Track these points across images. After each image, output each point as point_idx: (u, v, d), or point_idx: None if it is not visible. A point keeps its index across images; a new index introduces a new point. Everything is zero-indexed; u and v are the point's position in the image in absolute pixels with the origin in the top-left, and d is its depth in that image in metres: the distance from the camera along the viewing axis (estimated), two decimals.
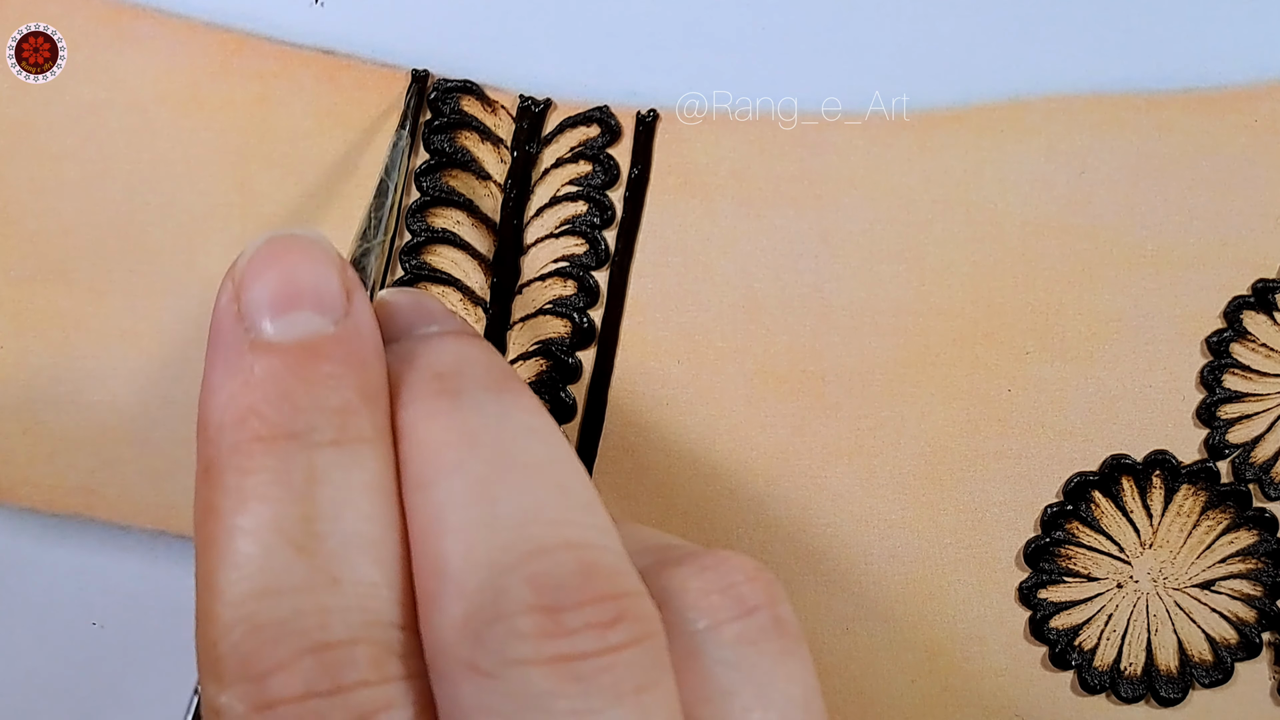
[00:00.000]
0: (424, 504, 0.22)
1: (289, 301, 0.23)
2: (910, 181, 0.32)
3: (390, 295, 0.26)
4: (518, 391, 0.24)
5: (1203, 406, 0.32)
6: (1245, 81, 0.32)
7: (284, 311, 0.23)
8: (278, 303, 0.23)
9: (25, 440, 0.32)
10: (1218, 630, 0.33)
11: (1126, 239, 0.32)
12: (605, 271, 0.32)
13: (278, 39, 0.32)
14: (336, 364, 0.23)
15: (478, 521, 0.22)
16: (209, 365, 0.23)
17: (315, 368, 0.23)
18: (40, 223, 0.32)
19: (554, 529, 0.22)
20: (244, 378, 0.23)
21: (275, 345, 0.23)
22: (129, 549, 0.32)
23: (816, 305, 0.32)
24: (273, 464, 0.22)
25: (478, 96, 0.32)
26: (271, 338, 0.23)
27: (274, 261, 0.23)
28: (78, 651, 0.32)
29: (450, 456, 0.23)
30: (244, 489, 0.22)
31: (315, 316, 0.23)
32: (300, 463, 0.22)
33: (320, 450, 0.22)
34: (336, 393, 0.23)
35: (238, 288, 0.23)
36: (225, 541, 0.22)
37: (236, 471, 0.22)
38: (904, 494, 0.32)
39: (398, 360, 0.24)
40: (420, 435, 0.23)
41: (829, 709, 0.33)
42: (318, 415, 0.22)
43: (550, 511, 0.22)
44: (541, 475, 0.23)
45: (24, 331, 0.32)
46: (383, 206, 0.27)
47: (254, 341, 0.23)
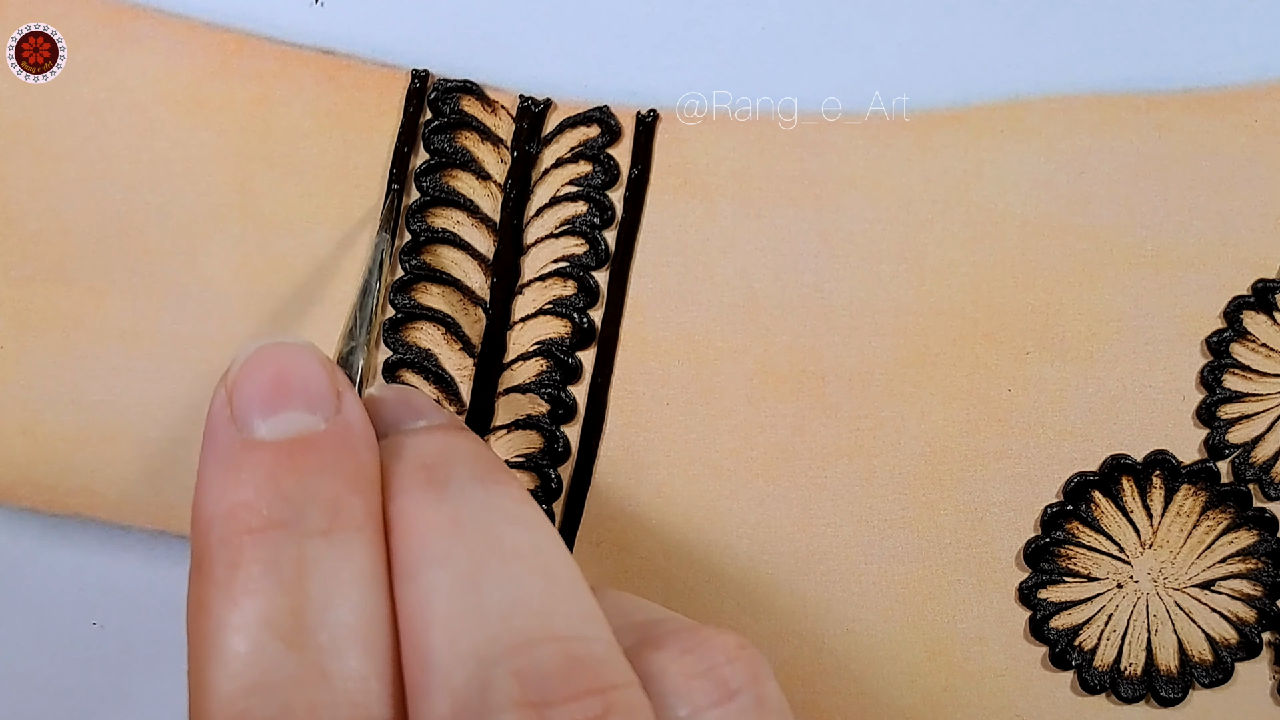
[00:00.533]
0: (412, 595, 0.23)
1: (280, 401, 0.24)
2: (910, 181, 0.32)
3: (379, 391, 0.26)
4: (505, 481, 0.24)
5: (1203, 406, 0.32)
6: (1245, 81, 0.32)
7: (275, 411, 0.23)
8: (269, 402, 0.24)
9: (25, 440, 0.32)
10: (1218, 630, 0.33)
11: (1126, 239, 0.32)
12: (605, 271, 0.32)
13: (278, 39, 0.32)
14: (327, 457, 0.23)
15: (463, 613, 0.22)
16: (202, 465, 0.24)
17: (306, 461, 0.23)
18: (40, 223, 0.32)
19: (540, 620, 0.22)
20: (236, 474, 0.23)
21: (267, 443, 0.23)
22: (129, 549, 0.32)
23: (816, 305, 0.32)
24: (263, 555, 0.22)
25: (478, 96, 0.32)
26: (264, 436, 0.23)
27: (264, 365, 0.24)
28: (78, 651, 0.32)
29: (437, 547, 0.23)
30: (234, 583, 0.22)
31: (306, 415, 0.24)
32: (290, 553, 0.22)
33: (311, 540, 0.22)
34: (327, 484, 0.23)
35: (230, 392, 0.24)
36: (216, 638, 0.22)
37: (227, 565, 0.22)
38: (904, 494, 0.32)
39: (387, 454, 0.25)
40: (408, 526, 0.23)
41: (829, 709, 0.33)
42: (308, 506, 0.23)
43: (536, 602, 0.22)
44: (528, 565, 0.23)
45: (24, 331, 0.32)
46: (367, 305, 0.27)
47: (246, 440, 0.23)
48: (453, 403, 0.32)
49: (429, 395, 0.26)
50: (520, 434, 0.32)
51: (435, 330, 0.32)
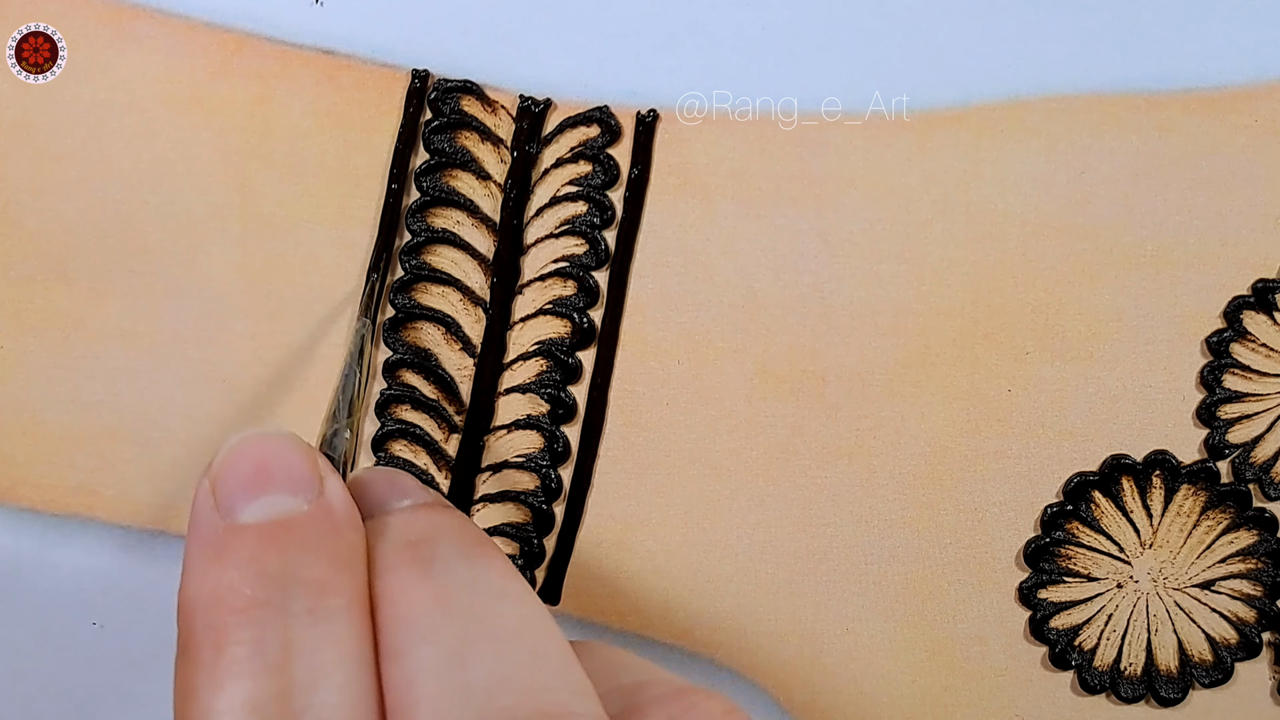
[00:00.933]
0: (399, 673, 0.22)
1: (262, 485, 0.24)
2: (910, 181, 0.32)
3: (363, 473, 0.26)
4: (490, 556, 0.24)
5: (1203, 406, 0.32)
6: (1245, 81, 0.32)
7: (258, 495, 0.23)
8: (252, 487, 0.24)
9: (25, 440, 0.32)
10: (1218, 630, 0.33)
11: (1126, 239, 0.32)
12: (605, 271, 0.32)
13: (278, 39, 0.32)
14: (311, 538, 0.23)
15: (451, 691, 0.22)
16: (187, 552, 0.23)
17: (290, 542, 0.23)
18: (40, 223, 0.32)
19: (527, 697, 0.22)
20: (219, 558, 0.23)
21: (250, 526, 0.23)
22: (129, 549, 0.32)
23: (816, 305, 0.32)
24: (248, 636, 0.22)
25: (478, 96, 0.32)
26: (247, 520, 0.23)
27: (246, 454, 0.24)
28: (78, 651, 0.32)
29: (423, 624, 0.23)
30: (219, 665, 0.22)
31: (289, 497, 0.24)
32: (276, 634, 0.22)
33: (296, 620, 0.22)
34: (312, 564, 0.23)
35: (213, 483, 0.24)
36: None
37: (212, 647, 0.22)
38: (904, 494, 0.32)
39: (372, 534, 0.25)
40: (394, 603, 0.23)
41: (829, 709, 0.33)
42: (293, 586, 0.23)
43: (524, 678, 0.22)
44: (514, 641, 0.23)
45: (24, 331, 0.32)
46: (349, 389, 0.28)
47: (229, 525, 0.23)
48: (452, 403, 0.32)
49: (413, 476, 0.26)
50: (520, 434, 0.32)
51: (435, 330, 0.32)
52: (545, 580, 0.32)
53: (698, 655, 0.33)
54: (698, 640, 0.33)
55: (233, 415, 0.32)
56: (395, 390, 0.32)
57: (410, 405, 0.32)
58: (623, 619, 0.32)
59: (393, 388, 0.32)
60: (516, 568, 0.25)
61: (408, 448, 0.32)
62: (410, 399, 0.32)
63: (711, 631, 0.33)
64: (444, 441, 0.32)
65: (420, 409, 0.32)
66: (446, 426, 0.32)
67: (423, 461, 0.32)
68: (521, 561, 0.32)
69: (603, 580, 0.32)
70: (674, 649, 0.33)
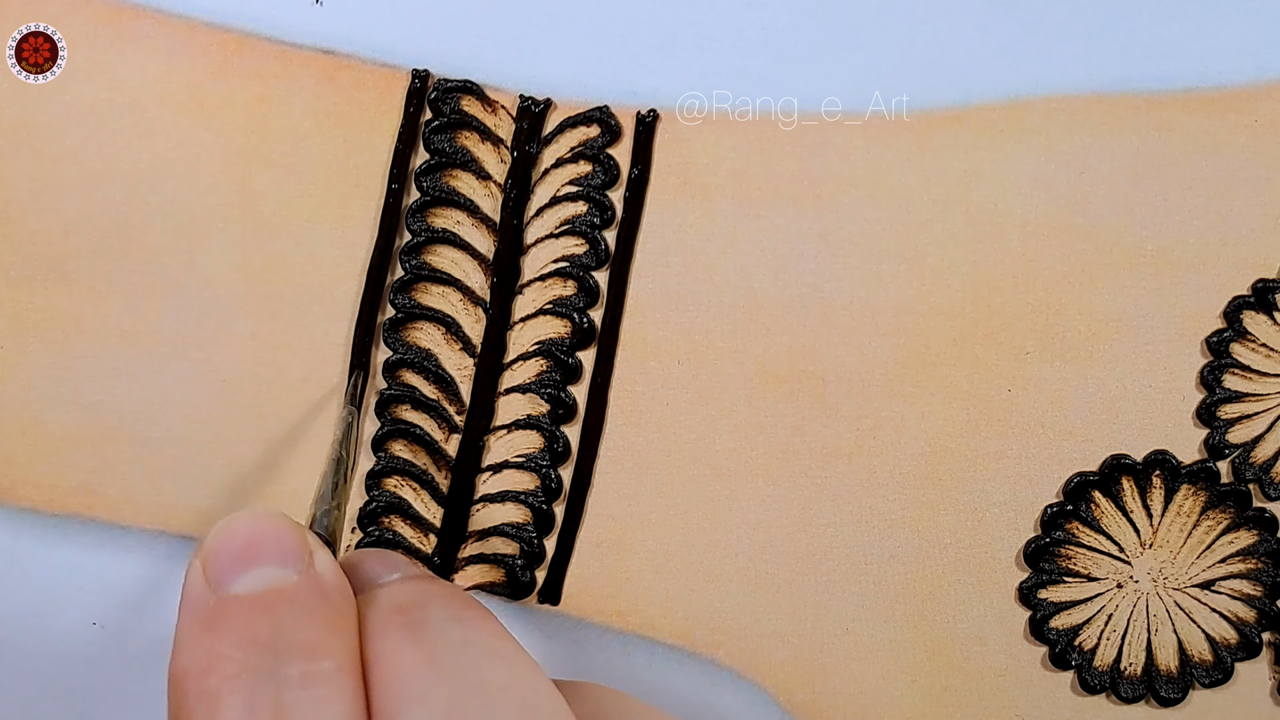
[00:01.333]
0: None
1: (252, 559, 0.24)
2: (910, 181, 0.32)
3: (353, 554, 0.27)
4: (481, 617, 0.25)
5: (1203, 406, 0.32)
6: (1245, 81, 0.32)
7: (248, 568, 0.24)
8: (242, 561, 0.24)
9: (25, 440, 0.32)
10: (1218, 630, 0.33)
11: (1126, 239, 0.32)
12: (605, 271, 0.32)
13: (278, 39, 0.32)
14: (301, 604, 0.23)
15: None
16: (178, 627, 0.24)
17: (280, 609, 0.23)
18: (40, 223, 0.32)
19: None
20: (211, 629, 0.23)
21: (241, 596, 0.23)
22: (129, 549, 0.32)
23: (816, 305, 0.32)
24: (240, 701, 0.22)
25: (478, 96, 0.32)
26: (238, 592, 0.24)
27: (235, 531, 0.24)
28: (78, 651, 0.32)
29: (415, 685, 0.23)
30: None
31: (278, 569, 0.24)
32: (268, 699, 0.22)
33: (288, 684, 0.22)
34: (303, 630, 0.23)
35: (204, 562, 0.24)
36: None
37: (205, 713, 0.22)
38: (904, 494, 0.32)
39: (363, 604, 0.25)
40: (386, 667, 0.23)
41: (829, 709, 0.33)
42: (284, 650, 0.23)
43: None
44: (507, 699, 0.23)
45: (24, 331, 0.32)
46: (338, 473, 0.28)
47: (220, 598, 0.23)
48: (453, 403, 0.32)
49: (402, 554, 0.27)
50: (520, 434, 0.32)
51: (435, 330, 0.32)
52: (545, 580, 0.32)
53: (698, 655, 0.33)
54: (698, 640, 0.33)
55: (233, 415, 0.32)
56: (395, 390, 0.32)
57: (410, 405, 0.32)
58: (623, 619, 0.32)
59: (393, 388, 0.32)
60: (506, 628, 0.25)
61: (408, 448, 0.32)
62: (410, 399, 0.32)
63: (711, 631, 0.33)
64: (444, 441, 0.32)
65: (420, 409, 0.32)
66: (446, 426, 0.32)
67: (423, 461, 0.32)
68: (521, 561, 0.32)
69: (603, 580, 0.32)
70: (674, 649, 0.33)
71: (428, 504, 0.32)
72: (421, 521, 0.32)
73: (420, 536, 0.32)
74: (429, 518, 0.32)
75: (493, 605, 0.32)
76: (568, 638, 0.32)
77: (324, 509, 0.27)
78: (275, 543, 0.24)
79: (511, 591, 0.32)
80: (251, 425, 0.32)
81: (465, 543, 0.32)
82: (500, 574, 0.32)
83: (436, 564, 0.32)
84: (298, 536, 0.24)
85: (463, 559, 0.32)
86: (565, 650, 0.32)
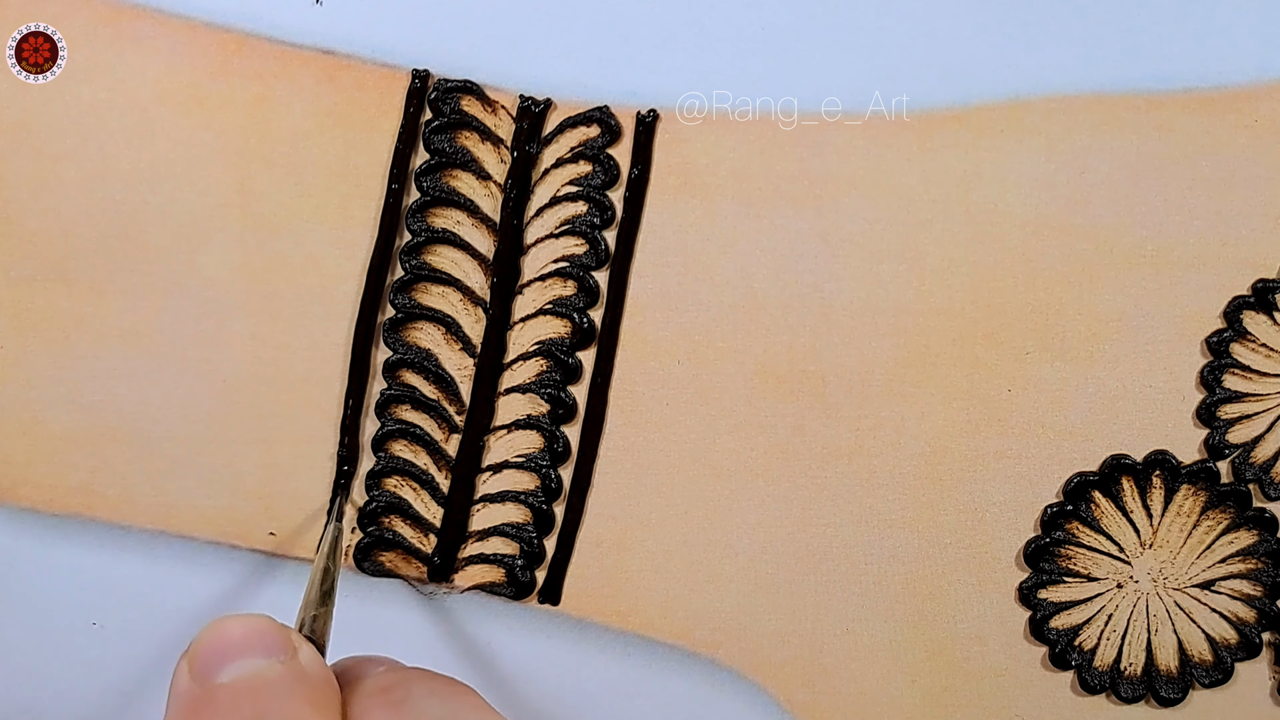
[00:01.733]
0: None
1: (237, 652, 0.25)
2: (910, 181, 0.32)
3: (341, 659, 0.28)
4: (461, 693, 0.26)
5: (1203, 406, 0.32)
6: (1245, 81, 0.32)
7: (233, 660, 0.25)
8: (227, 655, 0.25)
9: (25, 440, 0.32)
10: (1218, 630, 0.33)
11: (1126, 239, 0.32)
12: (605, 271, 0.32)
13: (278, 39, 0.32)
14: (285, 688, 0.24)
15: None
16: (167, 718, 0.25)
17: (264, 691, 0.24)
18: (40, 223, 0.32)
19: None
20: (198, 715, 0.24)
21: (226, 685, 0.24)
22: (129, 549, 0.32)
23: (816, 305, 0.32)
24: None
25: (478, 96, 0.32)
26: (223, 680, 0.24)
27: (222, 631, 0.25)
28: (78, 651, 0.32)
29: None
30: None
31: (262, 660, 0.25)
32: None
33: None
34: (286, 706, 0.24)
35: (191, 660, 0.25)
36: None
37: None
38: (904, 494, 0.32)
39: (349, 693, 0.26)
40: None
41: (829, 709, 0.33)
42: None
43: None
44: None
45: (24, 331, 0.32)
46: (325, 581, 0.29)
47: (206, 688, 0.24)
48: (453, 403, 0.32)
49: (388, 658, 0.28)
50: (520, 434, 0.32)
51: (435, 330, 0.32)
52: (545, 580, 0.32)
53: (698, 655, 0.33)
54: (698, 640, 0.33)
55: (233, 415, 0.32)
56: (395, 390, 0.32)
57: (410, 405, 0.32)
58: (623, 619, 0.32)
59: (393, 388, 0.32)
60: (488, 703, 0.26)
61: (408, 448, 0.32)
62: (410, 399, 0.32)
63: (711, 631, 0.33)
64: (444, 441, 0.32)
65: (420, 409, 0.32)
66: (447, 426, 0.32)
67: (423, 461, 0.32)
68: (522, 561, 0.32)
69: (603, 580, 0.32)
70: (674, 649, 0.33)
71: (428, 504, 0.32)
72: (421, 521, 0.32)
73: (420, 536, 0.32)
74: (429, 518, 0.32)
75: (493, 605, 0.33)
76: (568, 638, 0.33)
77: (311, 614, 0.28)
78: (259, 638, 0.25)
79: (512, 591, 0.32)
80: (251, 425, 0.32)
81: (465, 543, 0.32)
82: (500, 574, 0.32)
83: (436, 564, 0.32)
84: (281, 633, 0.25)
85: (463, 559, 0.32)
86: (565, 650, 0.32)
